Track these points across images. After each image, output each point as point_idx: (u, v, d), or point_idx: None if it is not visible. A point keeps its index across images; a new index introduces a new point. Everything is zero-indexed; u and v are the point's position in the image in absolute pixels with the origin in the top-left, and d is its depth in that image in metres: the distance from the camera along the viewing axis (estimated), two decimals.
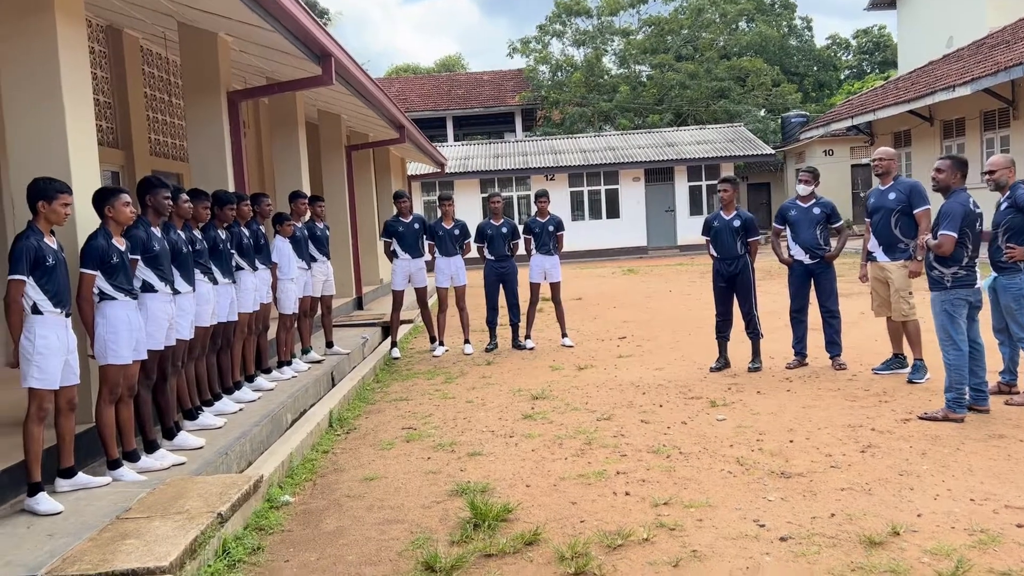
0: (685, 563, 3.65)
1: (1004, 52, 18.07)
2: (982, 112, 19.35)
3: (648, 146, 29.33)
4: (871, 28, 61.45)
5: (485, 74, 41.38)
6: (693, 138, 30.02)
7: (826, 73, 51.57)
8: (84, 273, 4.68)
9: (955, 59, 21.55)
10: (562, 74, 37.90)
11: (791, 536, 3.85)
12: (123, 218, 4.87)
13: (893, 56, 61.81)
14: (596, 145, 30.09)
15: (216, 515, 4.07)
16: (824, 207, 7.58)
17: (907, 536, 3.75)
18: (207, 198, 6.27)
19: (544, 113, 38.37)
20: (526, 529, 4.08)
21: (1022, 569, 3.35)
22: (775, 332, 9.00)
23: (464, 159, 29.27)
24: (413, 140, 16.00)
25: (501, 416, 6.50)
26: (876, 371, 7.16)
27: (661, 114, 36.66)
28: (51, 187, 4.46)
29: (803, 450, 5.13)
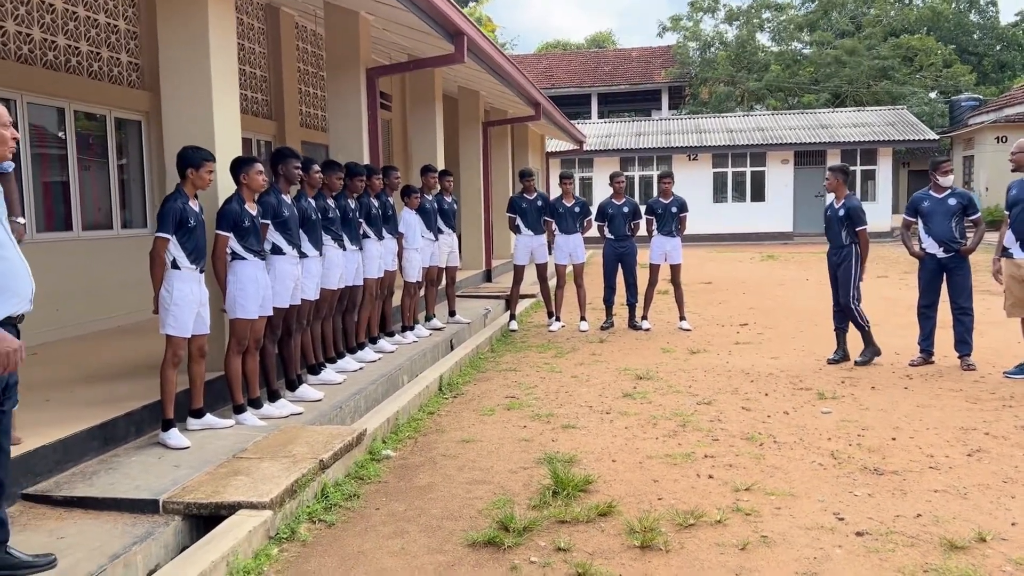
0: (752, 547, 3.67)
1: None
2: None
3: (799, 127, 28.14)
4: None
5: (633, 51, 40.87)
6: (849, 120, 28.52)
7: (1009, 53, 47.47)
8: (219, 234, 5.16)
9: None
10: (712, 52, 36.87)
11: (868, 532, 3.78)
12: (256, 185, 5.32)
13: None
14: (744, 125, 29.18)
15: (318, 461, 4.43)
16: (961, 198, 7.21)
17: (994, 544, 3.61)
18: (340, 169, 6.69)
19: (691, 91, 37.52)
20: (602, 500, 4.20)
21: None
22: (904, 328, 8.59)
23: (606, 136, 29.15)
24: (549, 117, 16.16)
25: (602, 393, 6.61)
26: (1007, 374, 6.76)
27: (817, 94, 35.04)
28: (198, 155, 4.95)
29: (904, 448, 4.96)
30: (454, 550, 3.77)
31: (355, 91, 8.55)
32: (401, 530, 4.01)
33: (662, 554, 3.64)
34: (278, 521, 3.94)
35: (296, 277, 5.81)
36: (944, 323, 7.39)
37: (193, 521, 3.95)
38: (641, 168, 28.10)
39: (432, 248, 8.65)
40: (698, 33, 37.64)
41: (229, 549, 3.51)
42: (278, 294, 5.62)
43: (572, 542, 3.77)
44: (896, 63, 34.26)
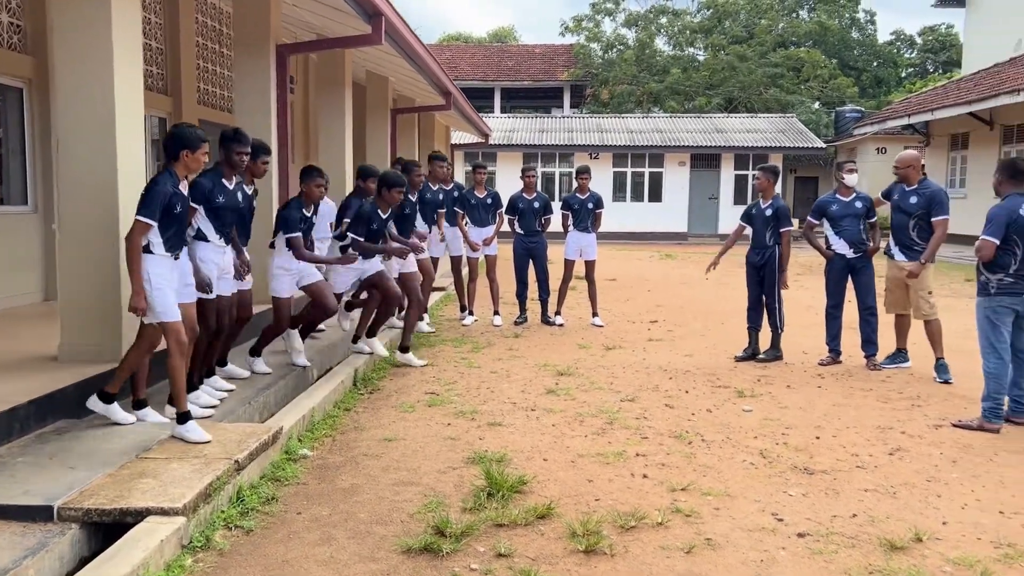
0: (698, 550, 3.58)
1: None
2: None
3: (696, 131, 28.90)
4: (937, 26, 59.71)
5: (537, 47, 41.01)
6: (743, 126, 29.51)
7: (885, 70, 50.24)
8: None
9: (1022, 63, 20.83)
10: (613, 52, 37.42)
11: (809, 533, 3.77)
12: (196, 167, 4.75)
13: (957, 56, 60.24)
14: (643, 126, 29.73)
15: (233, 462, 4.09)
16: (865, 201, 7.48)
17: (930, 543, 3.65)
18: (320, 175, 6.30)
19: (593, 91, 37.97)
20: (540, 502, 4.04)
21: None
22: (810, 328, 8.83)
23: (509, 131, 29.10)
24: (459, 108, 15.92)
25: (524, 389, 6.46)
26: (883, 365, 7.23)
27: (711, 98, 36.07)
28: (195, 135, 4.55)
29: (829, 448, 5.02)
30: (388, 558, 3.52)
31: (264, 69, 8.08)
32: (328, 536, 3.72)
33: (608, 558, 3.51)
34: (191, 528, 3.59)
35: (221, 267, 5.37)
36: (849, 323, 7.61)
37: (93, 530, 3.56)
38: (544, 164, 28.19)
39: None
40: (599, 35, 38.10)
41: (140, 561, 3.15)
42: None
43: (513, 547, 3.59)
44: (786, 72, 35.67)
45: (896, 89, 47.64)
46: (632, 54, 36.13)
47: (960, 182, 22.64)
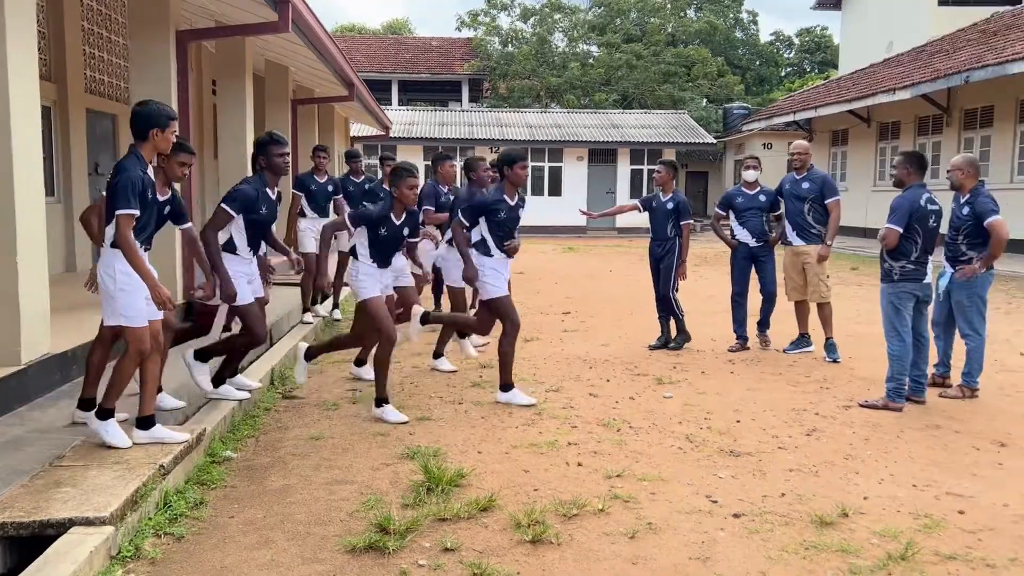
0: (641, 535, 3.65)
1: (943, 60, 18.63)
2: (917, 117, 19.97)
3: (593, 126, 29.39)
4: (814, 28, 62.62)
5: (434, 40, 40.78)
6: (638, 122, 30.21)
7: (768, 68, 52.40)
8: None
9: (895, 64, 22.15)
10: (513, 46, 37.61)
11: (744, 513, 3.89)
12: (164, 146, 4.28)
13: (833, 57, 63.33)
14: (542, 121, 30.02)
15: (158, 467, 3.89)
16: (768, 195, 7.79)
17: (856, 518, 3.84)
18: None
19: (492, 85, 38.06)
20: (480, 495, 4.02)
21: (967, 553, 3.45)
22: (715, 316, 9.13)
23: (409, 124, 28.83)
24: (362, 100, 15.64)
25: (449, 383, 6.42)
26: (787, 351, 7.58)
27: (608, 94, 36.76)
28: (163, 113, 4.17)
29: (750, 431, 5.20)
30: (332, 558, 3.43)
31: (164, 56, 7.70)
32: (266, 539, 3.60)
33: (555, 547, 3.53)
34: (120, 538, 3.40)
35: (249, 273, 5.26)
36: (754, 311, 7.91)
37: (8, 544, 3.32)
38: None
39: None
40: (497, 29, 38.20)
41: (70, 574, 2.95)
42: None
43: (459, 541, 3.56)
44: (678, 70, 36.72)
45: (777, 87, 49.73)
46: (531, 49, 36.40)
47: (841, 176, 23.89)
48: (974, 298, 5.77)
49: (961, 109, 18.32)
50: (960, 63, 17.00)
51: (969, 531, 3.70)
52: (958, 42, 20.19)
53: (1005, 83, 15.90)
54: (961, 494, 4.14)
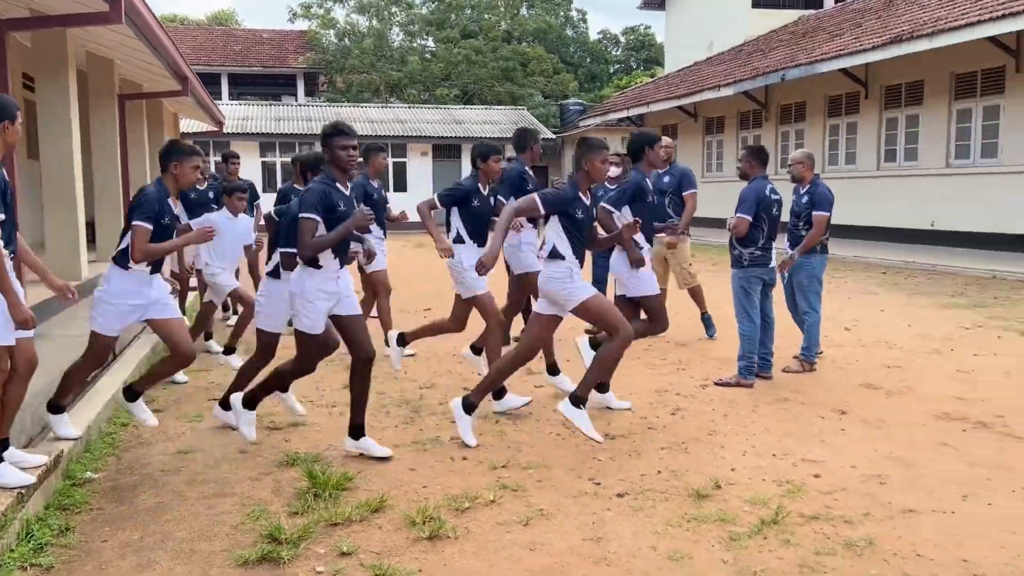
0: (535, 522, 3.75)
1: (760, 59, 20.06)
2: (739, 112, 21.37)
3: (436, 121, 29.44)
4: (638, 27, 65.52)
5: (265, 32, 39.36)
6: (480, 117, 30.55)
7: (598, 66, 54.33)
8: (138, 226, 4.45)
9: (718, 62, 23.60)
10: (350, 40, 36.94)
11: (627, 492, 4.08)
12: (187, 181, 4.73)
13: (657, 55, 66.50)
14: (384, 116, 29.74)
15: (15, 494, 3.59)
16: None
17: (727, 489, 4.12)
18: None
19: (328, 79, 37.23)
20: (370, 497, 4.00)
21: (827, 513, 3.79)
22: None
23: (243, 119, 27.75)
24: (196, 95, 14.90)
25: (318, 386, 6.28)
26: (712, 336, 7.92)
27: (448, 89, 36.88)
28: (12, 103, 3.81)
29: (620, 413, 5.44)
30: (224, 573, 3.31)
31: None
32: (148, 561, 3.41)
33: (452, 541, 3.57)
34: None
35: (338, 294, 4.80)
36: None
37: None
38: (283, 154, 27.19)
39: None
40: (332, 22, 37.39)
41: None
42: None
43: (355, 544, 3.53)
44: (516, 67, 37.40)
45: (607, 84, 51.67)
46: (369, 43, 35.90)
47: None
48: (812, 279, 6.32)
49: (778, 105, 19.80)
50: (776, 62, 18.37)
51: (826, 492, 4.06)
52: (772, 42, 21.80)
53: (815, 81, 17.33)
54: (814, 460, 4.53)
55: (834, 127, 18.13)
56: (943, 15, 14.08)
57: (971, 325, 8.31)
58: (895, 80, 16.13)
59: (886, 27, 15.78)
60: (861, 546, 3.44)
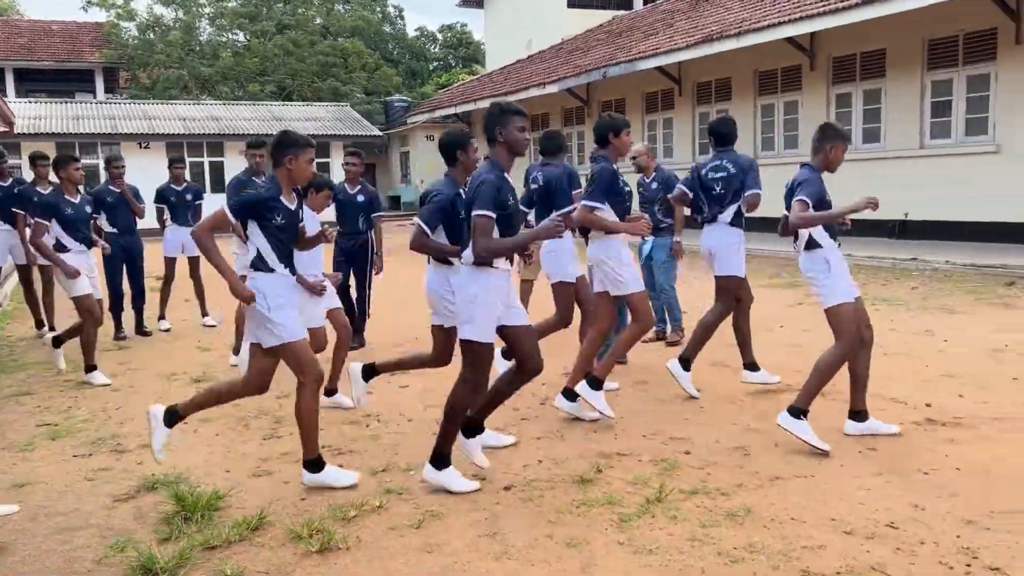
0: (427, 523, 3.68)
1: (581, 57, 20.77)
2: (563, 109, 22.04)
3: (255, 119, 28.24)
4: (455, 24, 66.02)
5: (54, 24, 36.11)
6: (301, 114, 29.61)
7: (418, 63, 54.24)
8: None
9: (539, 60, 24.21)
10: (154, 33, 34.64)
11: (513, 485, 4.10)
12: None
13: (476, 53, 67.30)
14: (197, 114, 28.16)
15: None
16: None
17: (608, 472, 4.22)
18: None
19: (131, 74, 34.76)
20: (247, 514, 3.77)
21: (703, 487, 3.97)
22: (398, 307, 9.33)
23: (35, 119, 25.35)
24: None
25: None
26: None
27: (263, 85, 35.47)
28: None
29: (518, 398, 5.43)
30: None
31: None
32: None
33: (344, 552, 3.43)
34: None
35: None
36: None
37: None
38: (85, 155, 25.09)
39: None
40: (132, 13, 34.91)
41: None
42: None
43: (239, 566, 3.32)
44: (336, 62, 36.57)
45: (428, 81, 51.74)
46: (178, 36, 33.82)
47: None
48: (669, 260, 6.77)
49: (599, 102, 20.59)
50: (597, 60, 19.09)
51: (698, 467, 4.26)
52: (591, 41, 22.63)
53: (634, 78, 18.17)
54: (682, 437, 4.74)
55: (652, 122, 19.11)
56: (747, 16, 15.18)
57: (794, 303, 9.03)
58: (705, 77, 17.23)
59: (696, 27, 16.80)
60: (741, 515, 3.64)
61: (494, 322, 4.07)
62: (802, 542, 3.37)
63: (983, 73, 12.42)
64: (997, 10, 11.61)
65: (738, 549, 3.32)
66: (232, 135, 26.55)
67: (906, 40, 13.13)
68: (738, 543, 3.38)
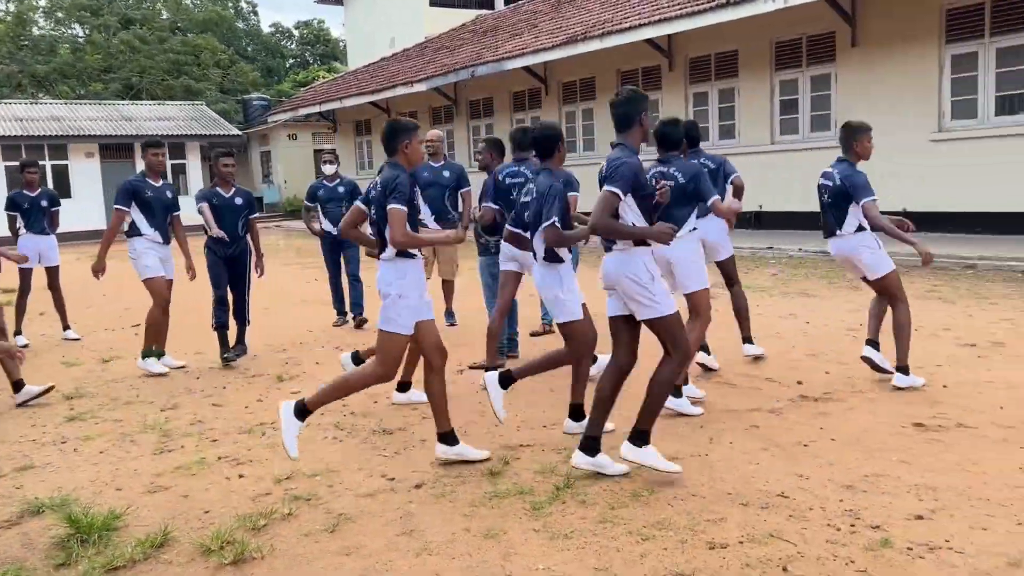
0: (341, 527, 3.66)
1: (448, 56, 20.83)
2: (431, 107, 22.03)
3: (101, 119, 26.64)
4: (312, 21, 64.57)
5: None
6: (153, 113, 28.19)
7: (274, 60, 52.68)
8: None
9: (405, 58, 24.09)
10: None
11: (424, 483, 4.12)
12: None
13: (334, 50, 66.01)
14: (35, 114, 26.29)
15: None
16: (347, 185, 8.23)
17: (515, 463, 4.32)
18: None
19: None
20: (149, 532, 3.62)
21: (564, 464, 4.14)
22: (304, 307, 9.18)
23: None
24: None
25: (35, 423, 5.48)
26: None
27: (107, 83, 33.48)
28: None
29: (389, 408, 5.44)
30: None
31: None
32: None
33: (260, 562, 3.37)
34: None
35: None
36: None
37: None
38: None
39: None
40: None
41: None
42: None
43: None
44: (187, 59, 34.97)
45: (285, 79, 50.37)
46: (6, 29, 31.38)
47: (368, 163, 25.29)
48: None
49: (467, 101, 20.72)
50: (464, 59, 19.20)
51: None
52: (456, 40, 22.72)
53: (502, 77, 18.40)
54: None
55: (520, 121, 19.42)
56: (608, 18, 15.70)
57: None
58: (571, 77, 17.68)
59: (560, 28, 17.22)
60: (646, 495, 3.83)
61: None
62: (705, 516, 3.58)
63: (824, 73, 13.40)
64: (835, 15, 12.55)
65: (647, 527, 3.50)
66: (77, 136, 24.97)
67: (756, 42, 13.98)
68: (647, 521, 3.56)
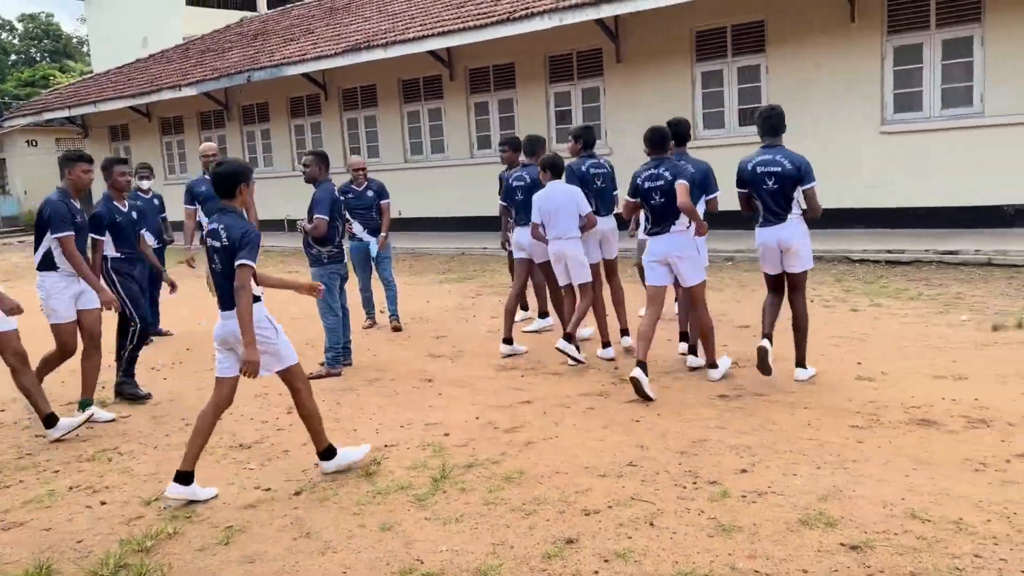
0: (235, 538, 3.72)
1: (217, 59, 20.01)
2: (199, 112, 21.02)
3: None
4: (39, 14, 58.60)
5: None
6: None
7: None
8: None
9: (165, 60, 22.77)
10: None
11: (302, 489, 4.24)
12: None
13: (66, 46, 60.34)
14: None
15: None
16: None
17: (387, 463, 4.54)
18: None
19: None
20: (25, 570, 3.46)
21: (477, 460, 4.48)
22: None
23: None
24: None
25: None
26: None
27: None
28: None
29: (243, 423, 5.39)
30: None
31: None
32: None
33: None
34: None
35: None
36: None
37: None
38: None
39: None
40: None
41: None
42: None
43: None
44: None
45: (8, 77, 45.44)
46: None
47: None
48: (389, 257, 7.85)
49: (240, 106, 20.01)
50: (236, 63, 18.56)
51: (463, 445, 4.75)
52: (222, 43, 21.84)
53: (278, 83, 18.00)
54: (435, 422, 5.21)
55: (299, 127, 19.13)
56: (389, 27, 15.97)
57: (475, 294, 9.95)
58: (352, 84, 17.72)
59: (339, 35, 17.21)
60: (517, 477, 4.23)
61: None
62: (573, 488, 4.05)
63: (594, 86, 14.59)
64: (602, 33, 13.73)
65: (527, 504, 3.90)
66: None
67: (531, 57, 14.90)
68: (525, 499, 3.96)
